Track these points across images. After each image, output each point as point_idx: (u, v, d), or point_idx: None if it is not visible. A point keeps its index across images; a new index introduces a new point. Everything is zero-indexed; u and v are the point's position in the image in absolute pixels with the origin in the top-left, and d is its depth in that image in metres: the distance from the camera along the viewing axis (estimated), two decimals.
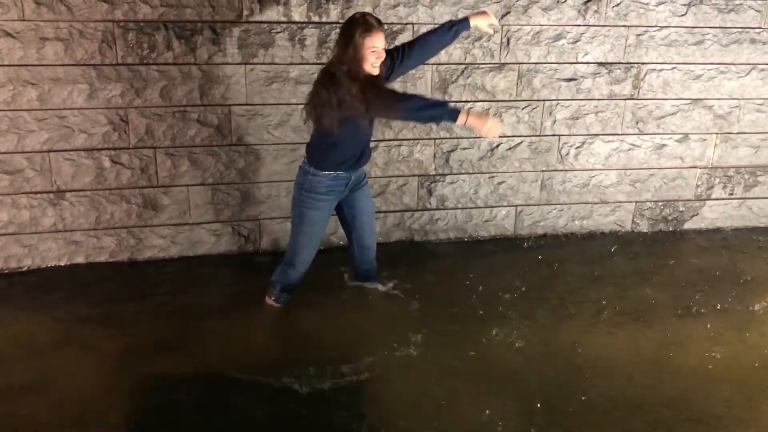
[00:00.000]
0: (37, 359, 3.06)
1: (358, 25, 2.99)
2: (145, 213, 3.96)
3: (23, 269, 3.89)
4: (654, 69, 4.32)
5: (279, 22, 3.80)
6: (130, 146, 3.83)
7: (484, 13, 3.38)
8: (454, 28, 3.29)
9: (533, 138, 4.34)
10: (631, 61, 4.28)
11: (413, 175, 4.26)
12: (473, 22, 3.33)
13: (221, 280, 3.88)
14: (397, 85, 3.99)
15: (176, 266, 4.01)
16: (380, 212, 4.28)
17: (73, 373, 2.97)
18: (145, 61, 3.71)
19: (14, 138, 3.68)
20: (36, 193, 3.80)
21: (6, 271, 3.87)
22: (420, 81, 4.06)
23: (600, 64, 4.25)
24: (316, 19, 3.83)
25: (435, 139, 4.20)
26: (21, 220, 3.82)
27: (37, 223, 3.84)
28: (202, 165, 3.95)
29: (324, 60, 3.84)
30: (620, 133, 4.43)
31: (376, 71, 3.07)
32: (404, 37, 3.93)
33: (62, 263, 3.94)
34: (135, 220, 3.96)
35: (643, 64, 4.30)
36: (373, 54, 3.01)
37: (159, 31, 3.67)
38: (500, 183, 4.40)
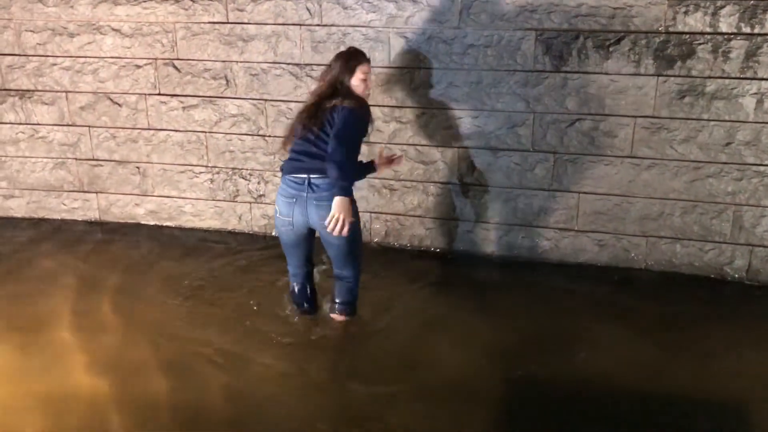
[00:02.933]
0: None
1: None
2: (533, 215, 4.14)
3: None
4: None
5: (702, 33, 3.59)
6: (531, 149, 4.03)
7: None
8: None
9: None
10: None
11: None
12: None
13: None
14: None
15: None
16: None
17: None
18: (558, 69, 3.84)
19: (431, 133, 4.16)
20: (443, 183, 4.24)
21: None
22: None
23: None
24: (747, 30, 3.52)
25: None
26: (427, 205, 4.32)
27: (439, 210, 4.30)
28: (592, 174, 3.96)
29: (749, 74, 3.53)
30: None
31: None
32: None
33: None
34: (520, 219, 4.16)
35: None
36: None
37: (576, 41, 3.77)
38: None
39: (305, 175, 3.13)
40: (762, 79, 3.57)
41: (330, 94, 3.20)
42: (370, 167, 3.45)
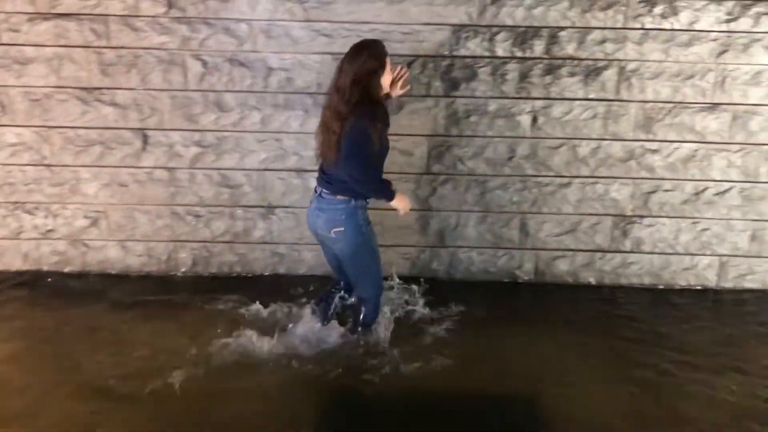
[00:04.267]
0: None
1: None
2: None
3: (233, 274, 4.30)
4: None
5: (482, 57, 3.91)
6: None
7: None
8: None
9: (745, 184, 4.02)
10: None
11: (607, 215, 4.12)
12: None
13: None
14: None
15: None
16: (569, 250, 4.19)
17: None
18: None
19: (237, 156, 4.09)
20: (251, 206, 4.18)
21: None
22: (622, 118, 3.94)
23: None
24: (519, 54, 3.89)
25: (634, 178, 4.04)
26: (236, 230, 4.22)
27: (248, 234, 4.22)
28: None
29: (523, 94, 3.90)
30: None
31: None
32: (608, 74, 3.86)
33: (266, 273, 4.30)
34: None
35: None
36: None
37: None
38: (704, 230, 4.11)
39: (319, 188, 3.25)
40: (535, 98, 3.95)
41: (343, 113, 3.04)
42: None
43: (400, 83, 3.37)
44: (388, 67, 3.15)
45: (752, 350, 3.52)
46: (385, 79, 3.16)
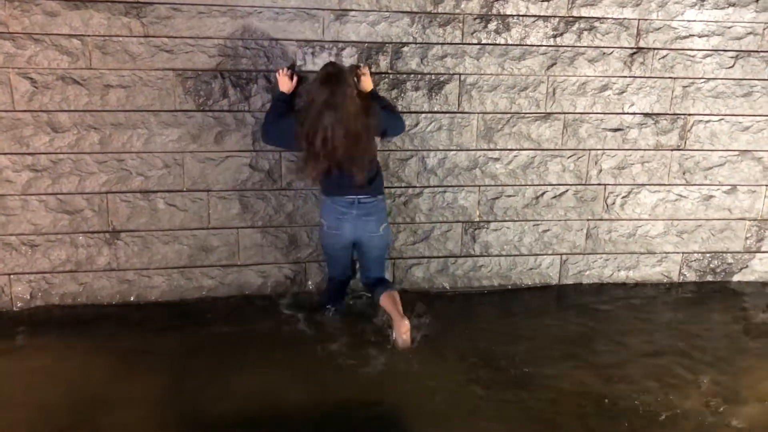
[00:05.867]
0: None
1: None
2: (196, 254, 4.08)
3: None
4: (701, 120, 4.32)
5: None
6: (184, 189, 3.97)
7: None
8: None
9: (579, 186, 4.35)
10: (678, 112, 4.29)
11: (457, 222, 4.30)
12: None
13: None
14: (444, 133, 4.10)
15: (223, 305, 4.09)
16: (423, 257, 4.32)
17: None
18: (201, 108, 3.86)
19: (76, 179, 3.84)
20: (93, 232, 3.94)
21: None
22: (465, 129, 4.13)
23: (646, 114, 4.27)
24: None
25: (479, 186, 4.24)
26: (78, 259, 3.96)
27: (92, 261, 3.97)
28: (252, 208, 4.06)
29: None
30: (667, 183, 4.41)
31: None
32: (450, 87, 4.03)
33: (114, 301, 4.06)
34: (186, 261, 4.08)
35: (690, 115, 4.30)
36: None
37: (216, 80, 3.84)
38: (545, 231, 4.40)
39: (353, 197, 3.58)
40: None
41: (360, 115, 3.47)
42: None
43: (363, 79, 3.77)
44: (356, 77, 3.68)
45: (588, 342, 3.81)
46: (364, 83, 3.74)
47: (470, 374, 3.39)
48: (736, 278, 4.64)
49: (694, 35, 4.18)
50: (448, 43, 4.00)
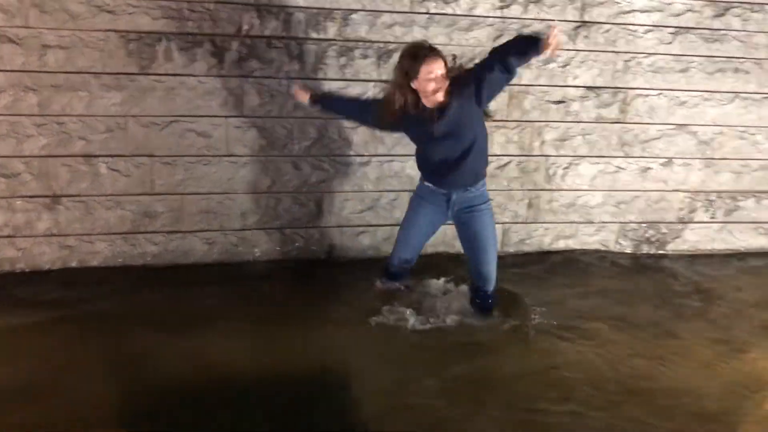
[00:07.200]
0: None
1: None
2: (139, 220, 4.03)
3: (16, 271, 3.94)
4: (641, 94, 4.45)
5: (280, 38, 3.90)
6: (127, 154, 3.91)
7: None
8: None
9: (522, 158, 4.45)
10: (619, 85, 4.41)
11: (404, 190, 4.35)
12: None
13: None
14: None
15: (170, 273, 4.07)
16: (371, 226, 4.37)
17: None
18: (145, 71, 3.78)
19: (13, 142, 3.73)
20: (32, 197, 3.85)
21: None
22: None
23: (588, 88, 4.38)
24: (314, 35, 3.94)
25: None
26: (16, 223, 3.87)
27: (32, 227, 3.89)
28: (198, 174, 4.02)
29: (320, 75, 3.97)
30: (606, 155, 4.55)
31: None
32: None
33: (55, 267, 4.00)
34: (129, 227, 4.03)
35: (631, 89, 4.43)
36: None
37: (160, 43, 3.76)
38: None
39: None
40: (332, 79, 4.03)
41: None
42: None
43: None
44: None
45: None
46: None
47: None
48: (669, 248, 4.85)
49: (636, 10, 4.28)
50: (396, 12, 4.00)
